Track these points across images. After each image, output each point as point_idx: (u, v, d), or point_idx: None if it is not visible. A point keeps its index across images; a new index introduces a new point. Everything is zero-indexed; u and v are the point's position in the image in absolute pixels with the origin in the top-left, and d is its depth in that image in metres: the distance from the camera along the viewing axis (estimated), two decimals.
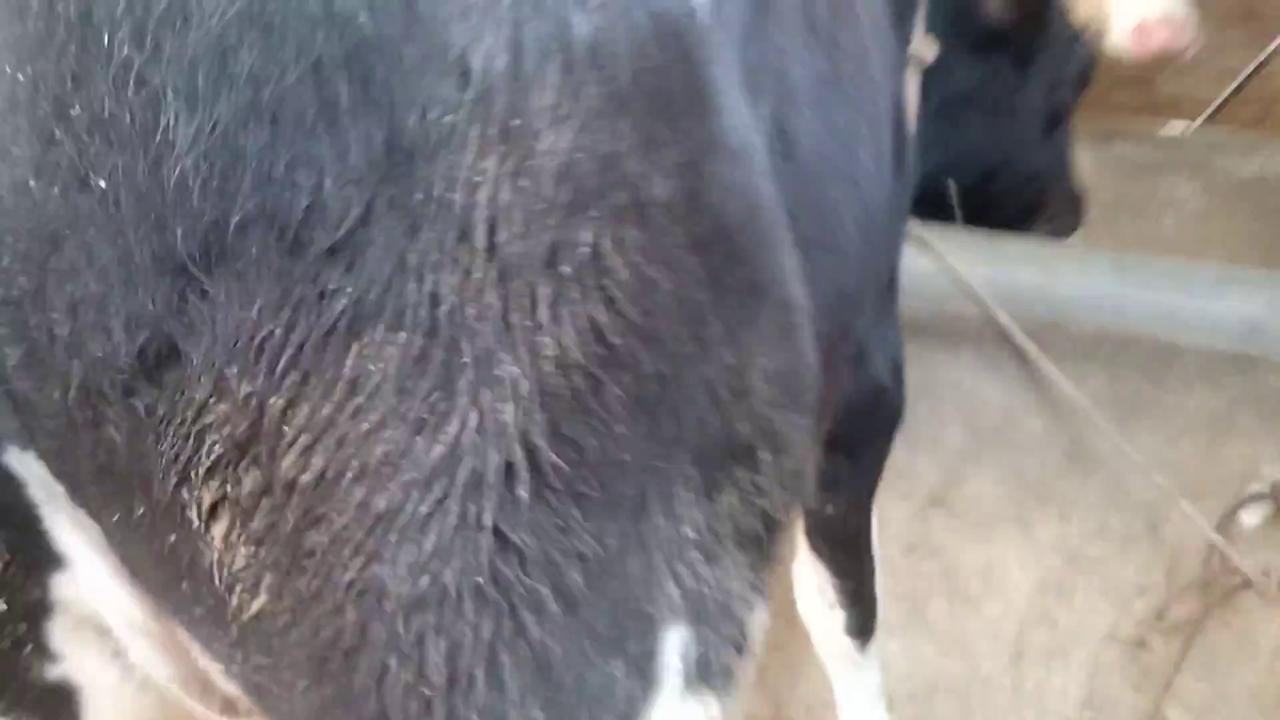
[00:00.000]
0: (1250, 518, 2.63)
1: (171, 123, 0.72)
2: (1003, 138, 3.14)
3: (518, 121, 0.79)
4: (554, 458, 0.88)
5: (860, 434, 2.34)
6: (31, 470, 0.91)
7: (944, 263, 2.55)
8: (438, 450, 0.83)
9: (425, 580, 0.86)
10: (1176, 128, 6.17)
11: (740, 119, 1.00)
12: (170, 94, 0.72)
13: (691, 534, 1.02)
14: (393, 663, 0.89)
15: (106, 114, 0.72)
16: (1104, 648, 2.88)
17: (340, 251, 0.77)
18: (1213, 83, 7.79)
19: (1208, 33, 8.72)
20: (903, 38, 2.51)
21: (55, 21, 0.71)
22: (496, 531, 0.87)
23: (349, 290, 0.78)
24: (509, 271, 0.82)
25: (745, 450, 1.06)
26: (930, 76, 2.62)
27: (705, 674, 1.05)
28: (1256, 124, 5.91)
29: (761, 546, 1.12)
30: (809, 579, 2.55)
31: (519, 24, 0.78)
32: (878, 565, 2.65)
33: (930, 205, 3.12)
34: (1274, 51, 6.38)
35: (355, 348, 0.80)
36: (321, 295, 0.78)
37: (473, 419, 0.84)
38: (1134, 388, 2.67)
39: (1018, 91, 3.12)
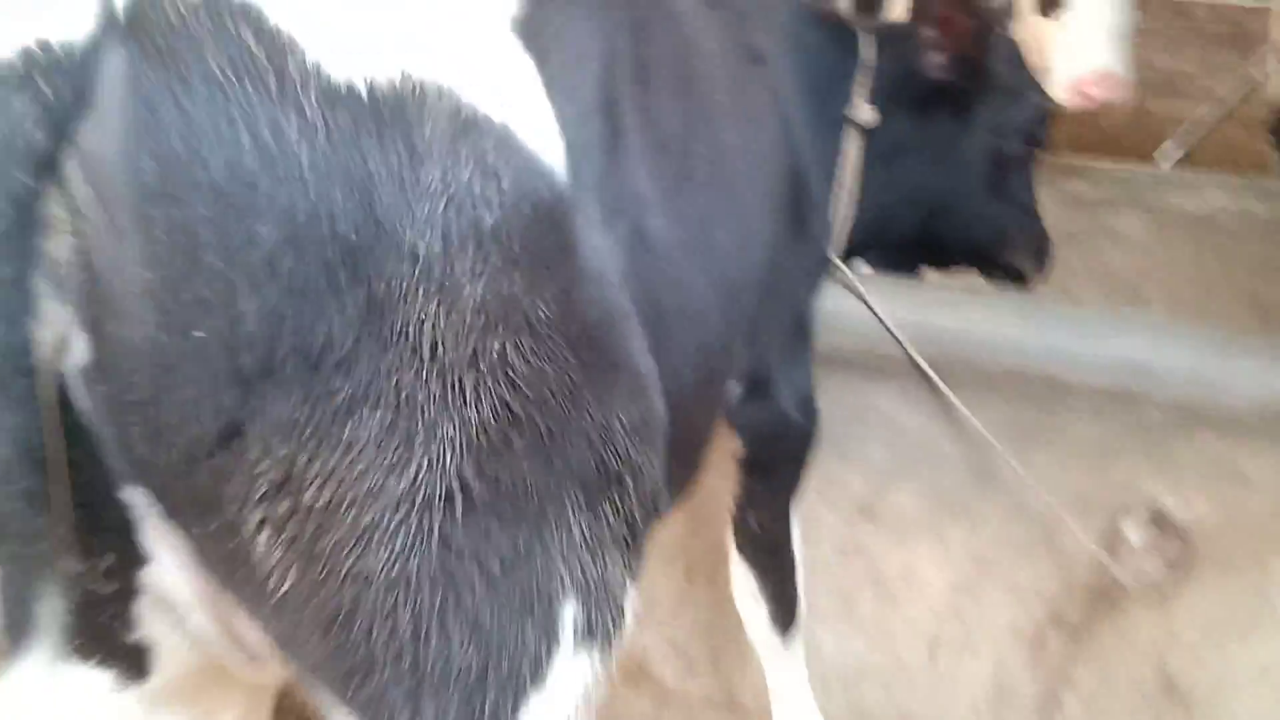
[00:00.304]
0: (1131, 531, 2.91)
1: (242, 301, 1.13)
2: (950, 186, 3.17)
3: (448, 282, 1.21)
4: (479, 487, 1.32)
5: (772, 458, 2.68)
6: (136, 499, 1.30)
7: (868, 308, 2.85)
8: (403, 484, 1.26)
9: (396, 569, 1.28)
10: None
11: (596, 250, 1.45)
12: (241, 284, 1.13)
13: (579, 537, 1.46)
14: (375, 623, 1.31)
15: (202, 297, 1.13)
16: (1007, 641, 3.19)
17: (341, 365, 1.19)
18: (1201, 102, 7.93)
19: (1198, 54, 8.86)
20: (830, 111, 2.82)
21: (173, 248, 1.12)
22: (442, 537, 1.30)
23: (346, 388, 1.21)
24: (445, 370, 1.24)
25: (615, 477, 1.49)
26: (878, 134, 2.91)
27: (591, 636, 1.48)
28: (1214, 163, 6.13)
29: (631, 545, 1.55)
30: (740, 580, 2.89)
31: (448, 224, 1.20)
32: (801, 567, 2.94)
33: (891, 253, 3.32)
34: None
35: (350, 422, 1.22)
36: (330, 392, 1.20)
37: (424, 464, 1.26)
38: (1031, 417, 2.93)
39: (961, 143, 3.14)
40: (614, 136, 1.61)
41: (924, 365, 2.85)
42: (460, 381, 1.26)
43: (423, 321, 1.21)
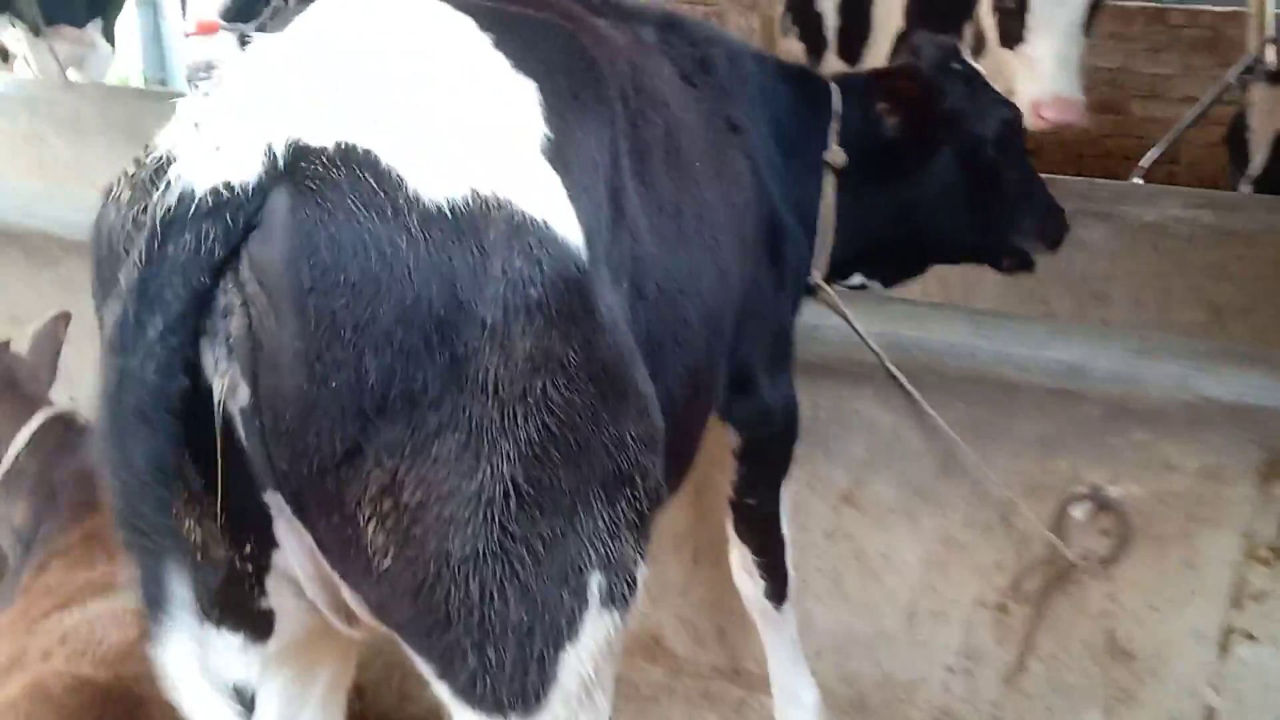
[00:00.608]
0: (1077, 512, 3.23)
1: (367, 361, 1.57)
2: (927, 204, 3.43)
3: (506, 341, 1.64)
4: (527, 488, 1.73)
5: (761, 447, 3.06)
6: (274, 500, 1.74)
7: (848, 322, 3.20)
8: (473, 487, 1.68)
9: (467, 549, 1.71)
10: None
11: (609, 305, 1.86)
12: (367, 350, 1.57)
13: (602, 524, 1.87)
14: (452, 590, 1.74)
15: (340, 359, 1.57)
16: (975, 611, 3.53)
17: (432, 404, 1.62)
18: (1179, 105, 8.23)
19: (1178, 59, 9.12)
20: (807, 156, 3.20)
21: (320, 326, 1.56)
22: (501, 525, 1.72)
23: (435, 419, 1.63)
24: (503, 403, 1.67)
25: (628, 478, 1.90)
26: (850, 172, 3.27)
27: (612, 600, 1.90)
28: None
29: (640, 530, 1.96)
30: (737, 557, 3.27)
31: (507, 300, 1.63)
32: (790, 548, 3.28)
33: (887, 266, 3.67)
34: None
35: (436, 442, 1.65)
36: (424, 422, 1.63)
37: (488, 471, 1.69)
38: (985, 415, 3.26)
39: (930, 166, 3.40)
40: (618, 216, 2.02)
41: (895, 371, 3.18)
42: (514, 411, 1.68)
43: (488, 370, 1.64)
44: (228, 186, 1.55)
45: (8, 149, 6.61)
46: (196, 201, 1.55)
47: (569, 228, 1.75)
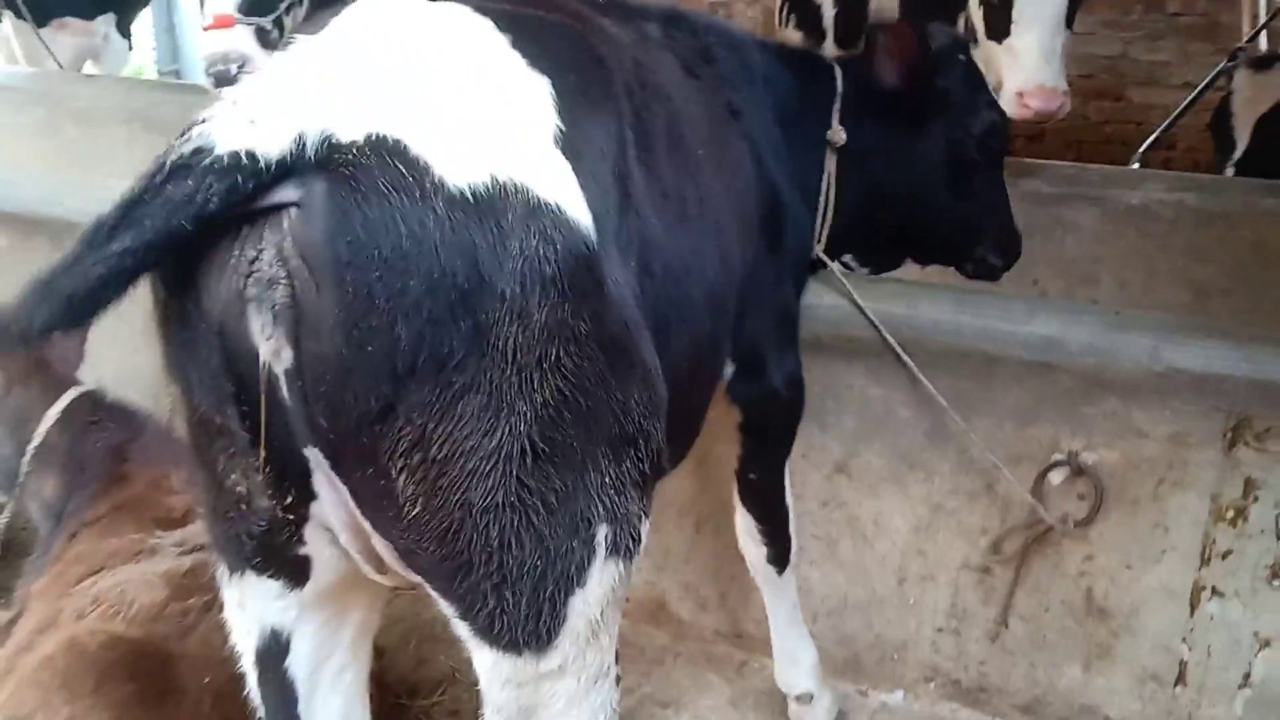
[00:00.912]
0: (1055, 478, 3.44)
1: (399, 328, 1.73)
2: (915, 190, 3.53)
3: (523, 312, 1.80)
4: (543, 446, 1.89)
5: (764, 424, 3.22)
6: (313, 455, 1.89)
7: (853, 301, 3.37)
8: (492, 443, 1.83)
9: (488, 499, 1.86)
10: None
11: (617, 282, 2.03)
12: (399, 318, 1.72)
13: (609, 481, 2.03)
14: (474, 537, 1.90)
15: (374, 326, 1.72)
16: (961, 573, 3.72)
17: (457, 367, 1.78)
18: (1177, 92, 8.33)
19: (1175, 46, 9.16)
20: (810, 136, 3.37)
21: (357, 297, 1.71)
22: (518, 478, 1.88)
23: (459, 381, 1.78)
24: (521, 368, 1.82)
25: (631, 439, 2.07)
26: (850, 151, 3.43)
27: (617, 550, 2.07)
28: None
29: (645, 487, 2.14)
30: (742, 524, 3.44)
31: (524, 275, 1.79)
32: (793, 516, 3.45)
33: (873, 251, 3.75)
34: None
35: (461, 403, 1.80)
36: (450, 384, 1.78)
37: (506, 430, 1.84)
38: (969, 387, 3.44)
39: (921, 153, 3.51)
40: (625, 200, 2.19)
41: (893, 342, 3.36)
42: (531, 375, 1.84)
43: (508, 337, 1.80)
44: (249, 155, 1.70)
45: (28, 141, 6.74)
46: (211, 157, 1.70)
47: (580, 211, 1.91)
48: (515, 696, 2.07)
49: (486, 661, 2.06)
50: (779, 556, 3.49)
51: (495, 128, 1.91)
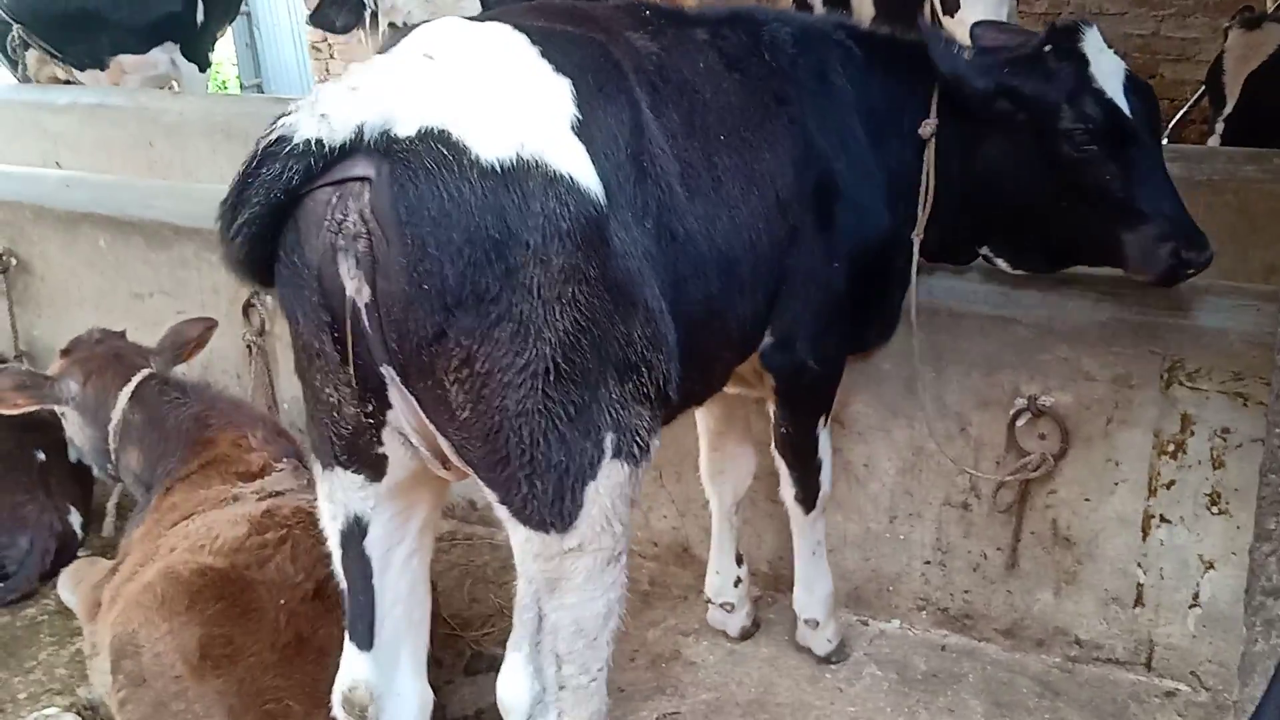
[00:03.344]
0: (1020, 419, 3.80)
1: (446, 269, 2.29)
2: (1008, 185, 3.49)
3: (544, 257, 2.33)
4: (564, 365, 2.42)
5: (794, 391, 3.55)
6: (388, 371, 2.42)
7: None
8: (523, 361, 2.36)
9: (521, 406, 2.40)
10: None
11: (623, 239, 2.51)
12: (447, 262, 2.28)
13: (616, 397, 2.54)
14: (510, 435, 2.43)
15: (427, 269, 2.30)
16: (943, 511, 4.11)
17: (494, 300, 2.31)
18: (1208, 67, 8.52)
19: (1206, 23, 9.28)
20: (903, 126, 3.53)
21: (414, 247, 2.29)
22: (544, 391, 2.41)
23: (495, 311, 2.32)
24: (545, 302, 2.35)
25: (634, 366, 2.57)
26: (947, 140, 3.49)
27: (620, 453, 2.57)
28: None
29: (651, 408, 2.63)
30: (779, 466, 3.79)
31: (544, 228, 2.31)
32: (828, 468, 3.76)
33: (1022, 251, 3.70)
34: None
35: (497, 329, 2.33)
36: (487, 313, 2.32)
37: (534, 352, 2.37)
38: (939, 340, 3.81)
39: (1006, 147, 3.46)
40: (640, 174, 2.65)
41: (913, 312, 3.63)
42: (553, 308, 2.35)
43: (533, 278, 2.31)
44: (319, 142, 2.27)
45: (122, 152, 7.31)
46: (291, 144, 2.28)
47: (590, 180, 2.42)
48: (543, 569, 2.61)
49: (520, 538, 2.61)
50: (806, 499, 3.82)
51: (523, 117, 2.43)
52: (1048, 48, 3.41)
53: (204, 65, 9.05)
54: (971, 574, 4.16)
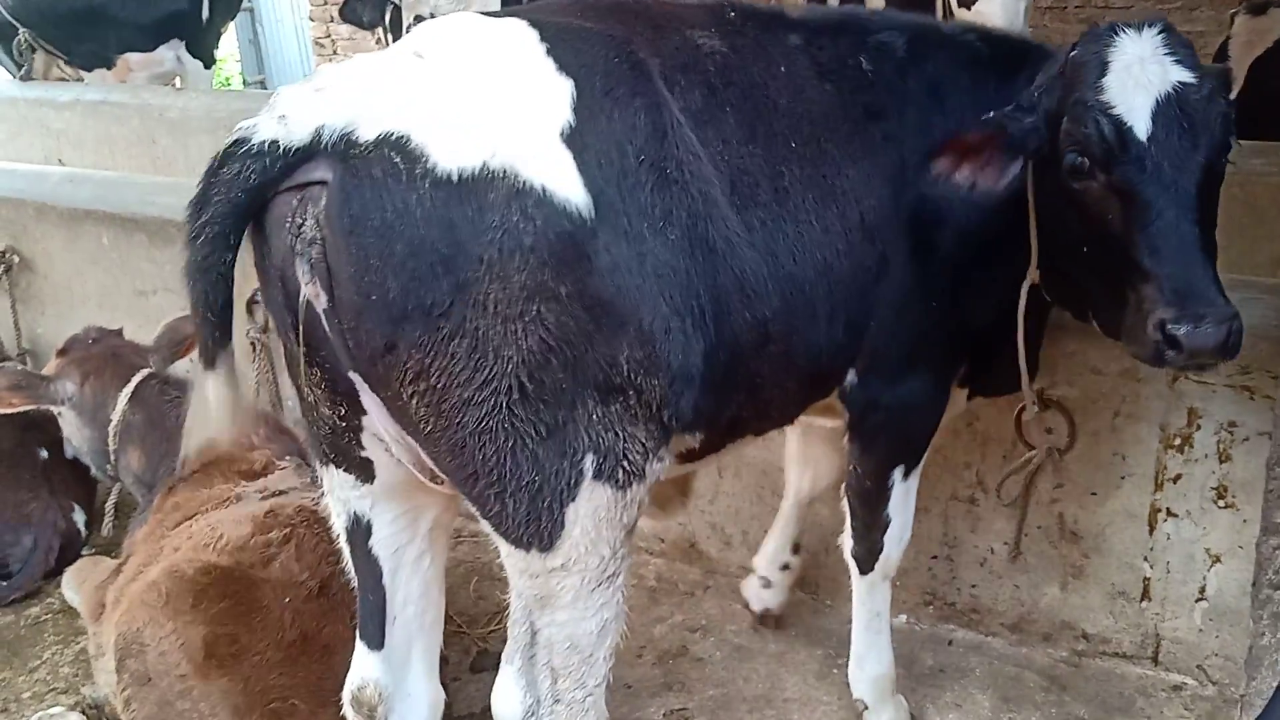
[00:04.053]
0: (1028, 414, 3.63)
1: (389, 281, 2.24)
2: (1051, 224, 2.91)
3: (502, 272, 2.24)
4: (531, 384, 2.33)
5: (865, 432, 3.21)
6: (355, 377, 2.39)
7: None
8: (483, 377, 2.29)
9: (484, 424, 2.32)
10: None
11: (614, 254, 2.34)
12: (389, 274, 2.24)
13: (596, 419, 2.41)
14: (476, 452, 2.36)
15: (373, 280, 2.25)
16: (949, 505, 4.11)
17: (443, 314, 2.24)
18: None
19: (1211, 16, 9.21)
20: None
21: (361, 255, 2.25)
22: (509, 409, 2.32)
23: (447, 326, 2.25)
24: (503, 319, 2.26)
25: (619, 388, 2.41)
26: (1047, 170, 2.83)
27: (602, 475, 2.45)
28: None
29: (641, 428, 2.46)
30: (847, 516, 3.48)
31: (502, 243, 2.23)
32: (896, 529, 3.35)
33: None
34: None
35: (451, 343, 2.26)
36: (438, 327, 2.25)
37: (496, 369, 2.29)
38: None
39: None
40: (661, 181, 2.44)
41: None
42: (514, 325, 2.24)
43: (488, 294, 2.22)
44: (274, 144, 2.25)
45: (124, 150, 7.29)
46: (249, 145, 2.26)
47: (570, 191, 2.29)
48: (530, 585, 2.56)
49: (505, 553, 2.56)
50: (863, 555, 3.46)
51: (503, 123, 2.34)
52: (1072, 53, 2.79)
53: (209, 61, 9.02)
54: (978, 568, 4.15)
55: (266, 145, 2.26)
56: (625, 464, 2.48)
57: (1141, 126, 2.61)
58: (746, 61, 2.82)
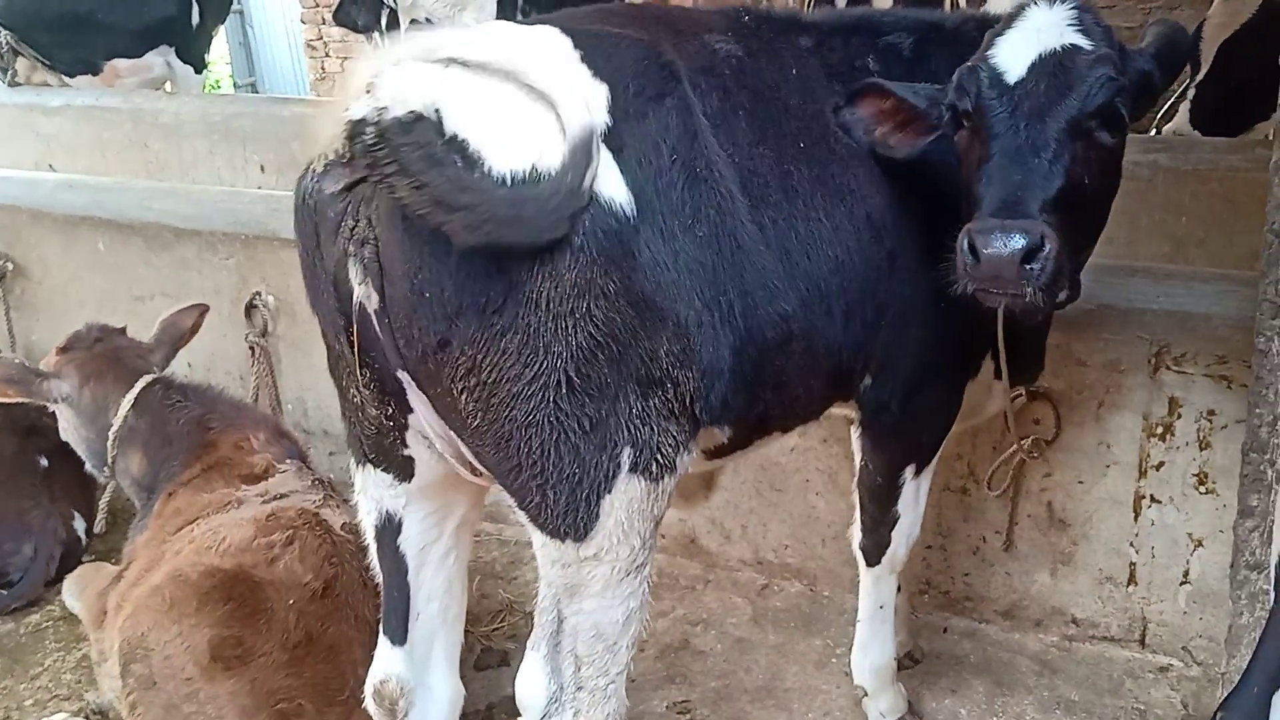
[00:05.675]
0: (1015, 405, 3.73)
1: (443, 280, 2.29)
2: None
3: (553, 271, 2.28)
4: (578, 378, 2.34)
5: (875, 432, 3.24)
6: (404, 376, 2.45)
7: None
8: (533, 372, 2.32)
9: (531, 417, 2.36)
10: None
11: (655, 250, 2.40)
12: (443, 270, 2.29)
13: (635, 413, 2.45)
14: (521, 445, 2.40)
15: (426, 276, 2.30)
16: (943, 495, 4.17)
17: (497, 311, 2.28)
18: None
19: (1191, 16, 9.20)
20: None
21: (416, 251, 2.29)
22: (556, 402, 2.35)
23: (499, 323, 2.29)
24: (554, 316, 2.29)
25: (659, 382, 2.45)
26: None
27: (636, 469, 2.48)
28: None
29: (679, 426, 2.52)
30: (855, 509, 3.51)
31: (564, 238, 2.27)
32: (911, 531, 3.40)
33: None
34: None
35: (503, 340, 2.29)
36: (491, 324, 2.29)
37: (545, 364, 2.31)
38: None
39: None
40: (692, 179, 2.50)
41: None
42: (564, 322, 2.28)
43: (540, 292, 2.26)
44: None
45: (116, 155, 7.28)
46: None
47: (614, 191, 2.35)
48: (561, 575, 2.61)
49: (539, 543, 2.60)
50: (870, 548, 3.49)
51: (545, 126, 2.32)
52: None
53: (200, 67, 8.99)
54: (971, 557, 4.23)
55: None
56: (659, 457, 2.52)
57: (1014, 75, 2.66)
58: (759, 65, 2.88)
